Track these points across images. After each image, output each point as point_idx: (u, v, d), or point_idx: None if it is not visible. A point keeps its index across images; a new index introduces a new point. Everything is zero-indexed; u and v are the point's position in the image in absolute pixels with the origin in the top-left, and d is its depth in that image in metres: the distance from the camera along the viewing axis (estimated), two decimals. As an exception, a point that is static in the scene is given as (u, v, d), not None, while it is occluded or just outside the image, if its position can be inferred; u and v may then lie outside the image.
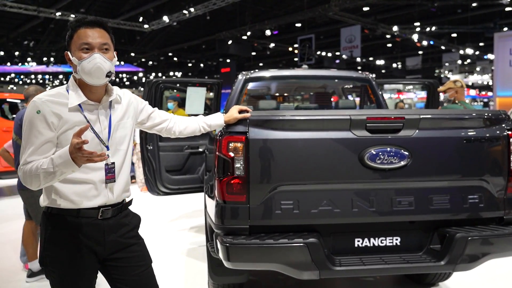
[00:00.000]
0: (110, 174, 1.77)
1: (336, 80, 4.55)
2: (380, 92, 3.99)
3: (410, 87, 35.28)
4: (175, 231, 5.41)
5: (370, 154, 2.25)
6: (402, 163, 2.27)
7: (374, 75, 4.16)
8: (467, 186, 2.37)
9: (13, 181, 8.72)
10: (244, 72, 3.98)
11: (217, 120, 2.31)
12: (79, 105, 1.73)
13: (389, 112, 2.42)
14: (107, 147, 1.79)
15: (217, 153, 2.31)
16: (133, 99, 1.98)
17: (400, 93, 33.76)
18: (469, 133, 2.35)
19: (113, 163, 1.79)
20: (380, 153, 2.25)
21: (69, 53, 1.74)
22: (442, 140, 2.33)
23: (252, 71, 3.98)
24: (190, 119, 2.28)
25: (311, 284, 3.50)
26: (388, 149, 2.26)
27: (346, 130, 2.26)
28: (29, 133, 1.66)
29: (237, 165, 2.24)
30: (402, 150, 2.27)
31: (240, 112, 2.30)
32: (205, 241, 3.45)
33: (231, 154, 2.24)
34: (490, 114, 2.41)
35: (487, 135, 2.36)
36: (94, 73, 1.68)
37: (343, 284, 3.56)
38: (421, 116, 2.29)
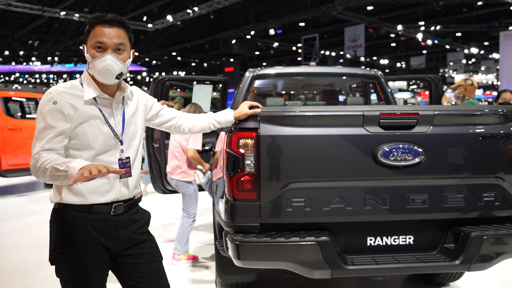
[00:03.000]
0: (126, 168, 1.76)
1: (344, 77, 4.51)
2: (389, 89, 3.94)
3: (414, 86, 35.11)
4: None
5: (383, 151, 2.20)
6: (416, 160, 2.22)
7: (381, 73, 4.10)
8: (482, 184, 2.32)
9: (16, 180, 8.73)
10: (251, 69, 3.94)
11: (227, 116, 2.26)
12: (94, 98, 1.73)
13: (403, 108, 2.37)
14: (121, 142, 1.78)
15: (226, 149, 2.26)
16: (142, 96, 1.98)
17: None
18: (485, 130, 2.30)
19: (128, 157, 1.78)
20: (393, 150, 2.21)
21: (85, 47, 1.74)
22: (457, 137, 2.29)
23: (259, 68, 3.93)
24: (199, 116, 2.25)
25: (318, 283, 3.46)
26: (402, 145, 2.22)
27: (359, 126, 2.22)
28: (44, 123, 1.64)
29: (248, 161, 2.20)
30: (416, 147, 2.22)
31: (250, 107, 2.25)
32: (213, 240, 3.42)
33: (242, 150, 2.20)
34: (505, 110, 2.36)
35: (503, 131, 2.31)
36: (104, 74, 1.69)
37: (351, 283, 3.51)
38: (436, 112, 2.25)
